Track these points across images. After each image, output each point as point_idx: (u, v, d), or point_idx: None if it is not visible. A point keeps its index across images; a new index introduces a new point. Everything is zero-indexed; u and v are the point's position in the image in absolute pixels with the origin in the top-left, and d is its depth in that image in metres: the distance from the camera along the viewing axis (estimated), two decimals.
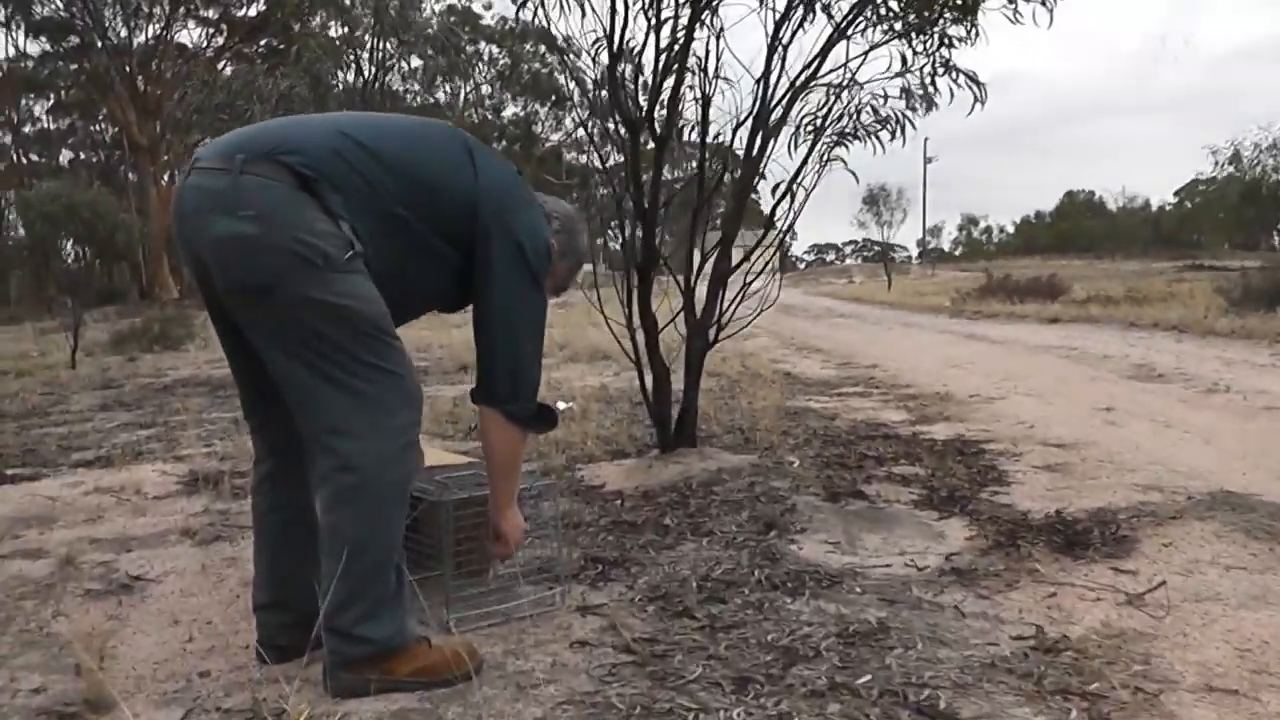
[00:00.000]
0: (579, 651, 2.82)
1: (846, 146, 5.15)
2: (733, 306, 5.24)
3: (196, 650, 2.94)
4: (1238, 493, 4.34)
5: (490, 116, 41.57)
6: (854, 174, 5.17)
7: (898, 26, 5.47)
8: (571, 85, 5.62)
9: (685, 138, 5.34)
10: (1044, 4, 5.34)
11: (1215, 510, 4.04)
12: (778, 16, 5.23)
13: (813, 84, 5.14)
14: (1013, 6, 5.16)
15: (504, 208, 2.67)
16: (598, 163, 5.29)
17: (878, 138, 5.12)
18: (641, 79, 5.14)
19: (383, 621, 2.54)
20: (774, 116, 5.20)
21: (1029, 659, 2.67)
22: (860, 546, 3.83)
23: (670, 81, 5.07)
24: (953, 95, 5.49)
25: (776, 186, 5.26)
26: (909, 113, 5.25)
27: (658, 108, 4.98)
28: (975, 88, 5.53)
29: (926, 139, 62.84)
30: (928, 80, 5.49)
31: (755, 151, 5.16)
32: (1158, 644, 2.78)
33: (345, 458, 2.45)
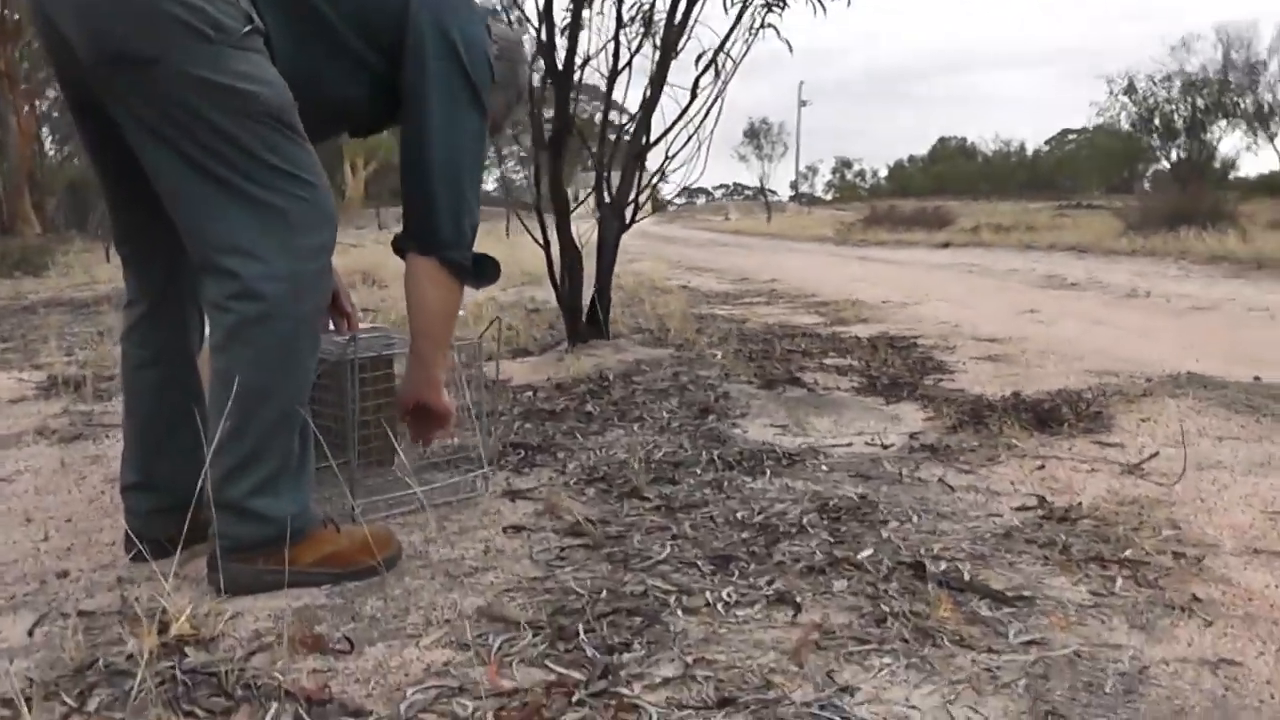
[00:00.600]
0: (515, 537, 2.35)
1: (778, 10, 4.67)
2: (650, 184, 4.76)
3: (53, 550, 2.36)
4: (1201, 374, 4.06)
5: None
6: (788, 43, 4.72)
7: None
8: None
9: None
10: None
11: (1185, 388, 3.75)
12: None
13: None
14: None
15: (441, 7, 2.16)
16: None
17: None
18: None
19: (283, 495, 2.02)
20: None
21: (1044, 529, 2.29)
22: (811, 429, 3.43)
23: None
24: None
25: (700, 56, 4.78)
26: None
27: None
28: None
29: (802, 82, 62.58)
30: None
31: (679, 17, 4.67)
32: (1179, 510, 2.44)
33: (247, 282, 1.92)
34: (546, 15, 4.44)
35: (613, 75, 4.67)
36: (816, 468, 2.86)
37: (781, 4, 4.65)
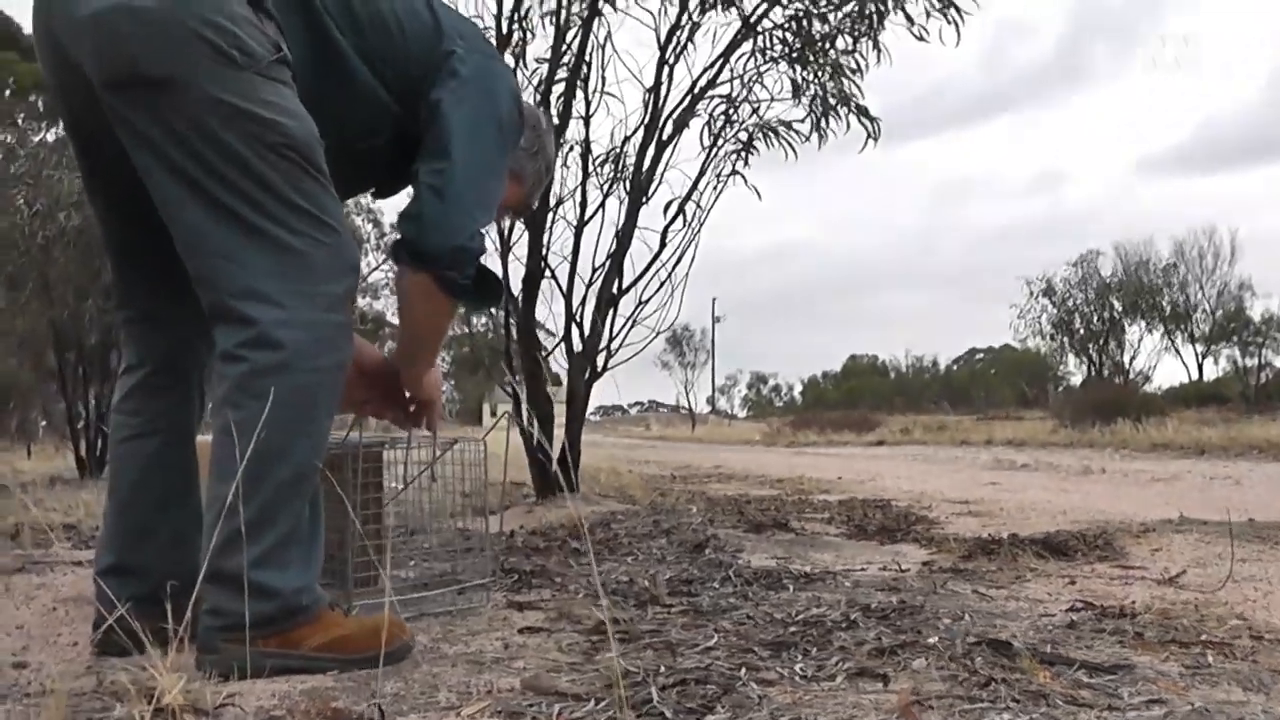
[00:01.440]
0: (534, 635, 2.14)
1: (746, 159, 4.75)
2: (623, 332, 4.68)
3: (4, 649, 2.08)
4: (1194, 518, 4.00)
5: None
6: (757, 192, 4.78)
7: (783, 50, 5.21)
8: None
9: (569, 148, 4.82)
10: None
11: (1185, 528, 3.67)
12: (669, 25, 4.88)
13: (709, 93, 4.75)
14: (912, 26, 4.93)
15: (474, 48, 2.08)
16: None
17: (787, 142, 4.75)
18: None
19: (290, 568, 1.80)
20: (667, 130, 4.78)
21: (1105, 622, 2.15)
22: (816, 561, 3.26)
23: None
24: (849, 125, 5.21)
25: (669, 204, 4.81)
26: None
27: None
28: (868, 122, 5.28)
29: (715, 298, 63.90)
30: (818, 109, 5.21)
31: (647, 163, 4.72)
32: (1234, 609, 2.32)
33: (264, 329, 1.75)
34: None
35: (581, 220, 4.66)
36: (840, 584, 2.69)
37: (749, 151, 4.72)
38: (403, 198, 2.14)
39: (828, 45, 5.21)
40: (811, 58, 5.21)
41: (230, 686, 1.69)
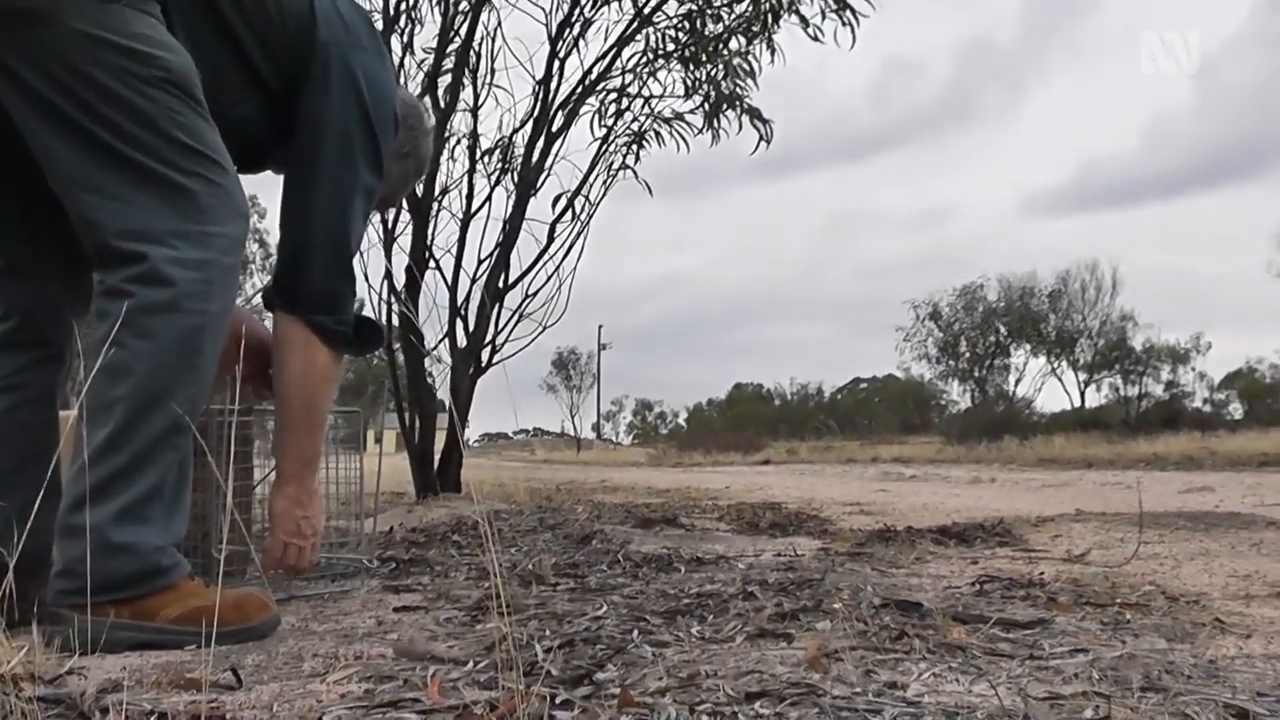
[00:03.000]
0: (410, 614, 1.96)
1: (637, 154, 4.65)
2: (509, 324, 4.52)
3: None
4: (1089, 511, 3.98)
5: None
6: (648, 186, 4.67)
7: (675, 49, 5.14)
8: None
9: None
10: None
11: (1082, 519, 3.64)
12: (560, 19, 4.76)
13: (601, 85, 4.63)
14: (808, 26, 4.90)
15: (351, 43, 1.96)
16: None
17: (679, 134, 4.65)
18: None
19: (152, 524, 1.62)
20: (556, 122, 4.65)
21: (1015, 590, 2.05)
22: (706, 551, 3.13)
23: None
24: (740, 126, 5.15)
25: (559, 198, 4.67)
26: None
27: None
28: (760, 124, 5.22)
29: (601, 325, 63.53)
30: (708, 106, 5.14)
31: (536, 155, 4.57)
32: (1144, 579, 2.25)
33: (154, 264, 1.61)
34: None
35: (467, 213, 4.50)
36: (734, 567, 2.56)
37: (640, 144, 4.62)
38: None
39: (720, 46, 5.15)
40: (704, 58, 5.14)
41: (77, 661, 1.48)
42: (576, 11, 4.83)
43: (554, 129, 4.63)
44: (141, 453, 1.59)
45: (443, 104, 4.51)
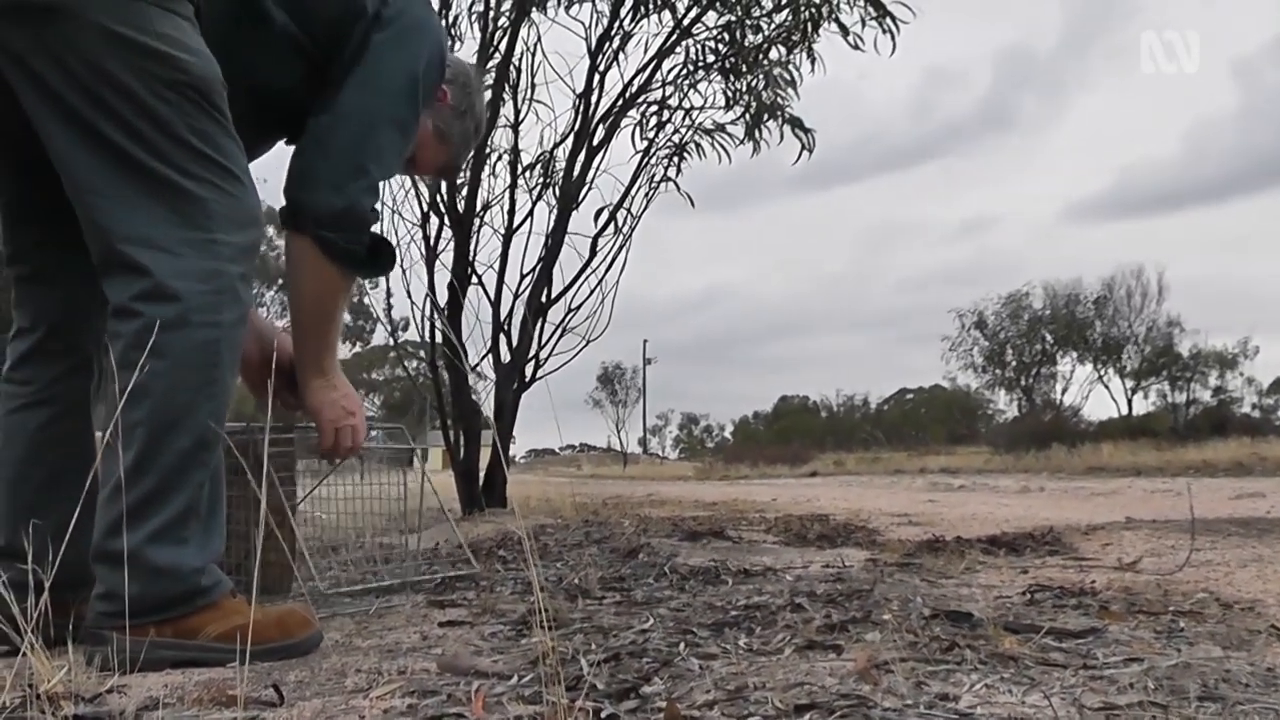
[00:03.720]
0: (455, 628, 1.96)
1: (679, 166, 4.64)
2: (553, 339, 4.52)
3: None
4: (1139, 519, 3.91)
5: None
6: (689, 198, 4.66)
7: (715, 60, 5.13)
8: None
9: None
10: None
11: (1133, 526, 3.58)
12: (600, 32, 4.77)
13: (641, 98, 4.63)
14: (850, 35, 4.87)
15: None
16: None
17: (721, 146, 4.64)
18: None
19: (190, 544, 1.62)
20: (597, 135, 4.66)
21: (1066, 599, 2.02)
22: (754, 562, 3.11)
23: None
24: (781, 136, 5.13)
25: (600, 211, 4.68)
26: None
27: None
28: (802, 133, 5.20)
29: (646, 340, 63.38)
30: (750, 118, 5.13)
31: (577, 169, 4.58)
32: (1199, 585, 2.20)
33: (159, 279, 1.59)
34: None
35: (509, 228, 4.51)
36: (781, 578, 2.54)
37: (682, 156, 4.62)
38: None
39: (760, 56, 5.14)
40: (744, 68, 5.13)
41: (115, 678, 1.50)
42: (616, 25, 4.84)
43: (595, 143, 4.64)
44: (170, 473, 1.59)
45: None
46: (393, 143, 1.92)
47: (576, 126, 4.62)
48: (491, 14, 4.48)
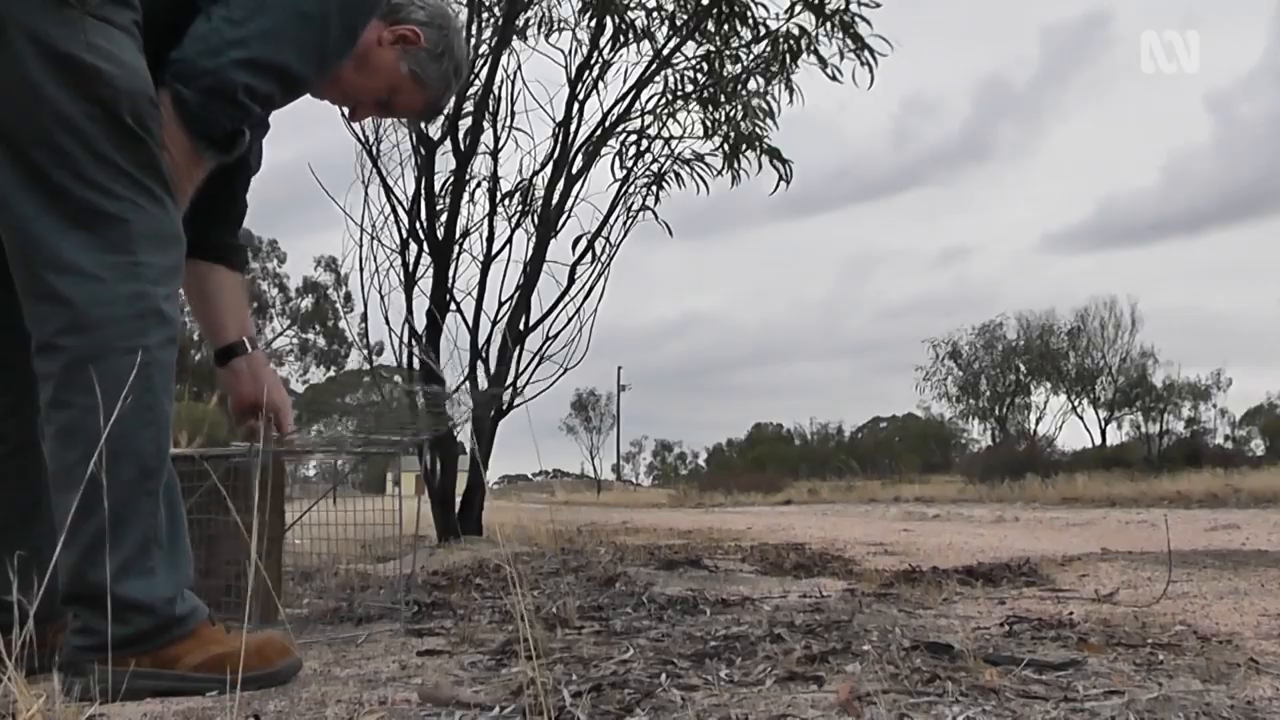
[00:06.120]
0: (434, 657, 1.95)
1: (657, 195, 4.66)
2: (530, 366, 4.52)
3: None
4: (1115, 550, 3.94)
5: None
6: (668, 227, 4.68)
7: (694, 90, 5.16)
8: None
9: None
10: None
11: (1109, 558, 3.60)
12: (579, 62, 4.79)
13: (620, 127, 4.66)
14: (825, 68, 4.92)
15: None
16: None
17: (699, 175, 4.67)
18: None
19: (158, 574, 1.59)
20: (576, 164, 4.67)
21: (1044, 630, 2.03)
22: (731, 592, 3.11)
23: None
24: (759, 166, 5.16)
25: (579, 239, 4.69)
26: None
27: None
28: (780, 164, 5.23)
29: (620, 367, 63.24)
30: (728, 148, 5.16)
31: (556, 197, 4.59)
32: (1177, 618, 2.22)
33: (80, 309, 1.54)
34: (428, 193, 4.30)
35: (488, 255, 4.51)
36: (759, 608, 2.54)
37: (660, 185, 4.64)
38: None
39: (739, 86, 5.17)
40: (723, 98, 5.16)
41: (97, 708, 1.48)
42: (595, 54, 4.87)
43: (574, 171, 4.65)
44: (119, 507, 1.53)
45: (463, 147, 4.54)
46: (297, 35, 1.75)
47: (556, 155, 4.64)
48: (472, 41, 4.48)
